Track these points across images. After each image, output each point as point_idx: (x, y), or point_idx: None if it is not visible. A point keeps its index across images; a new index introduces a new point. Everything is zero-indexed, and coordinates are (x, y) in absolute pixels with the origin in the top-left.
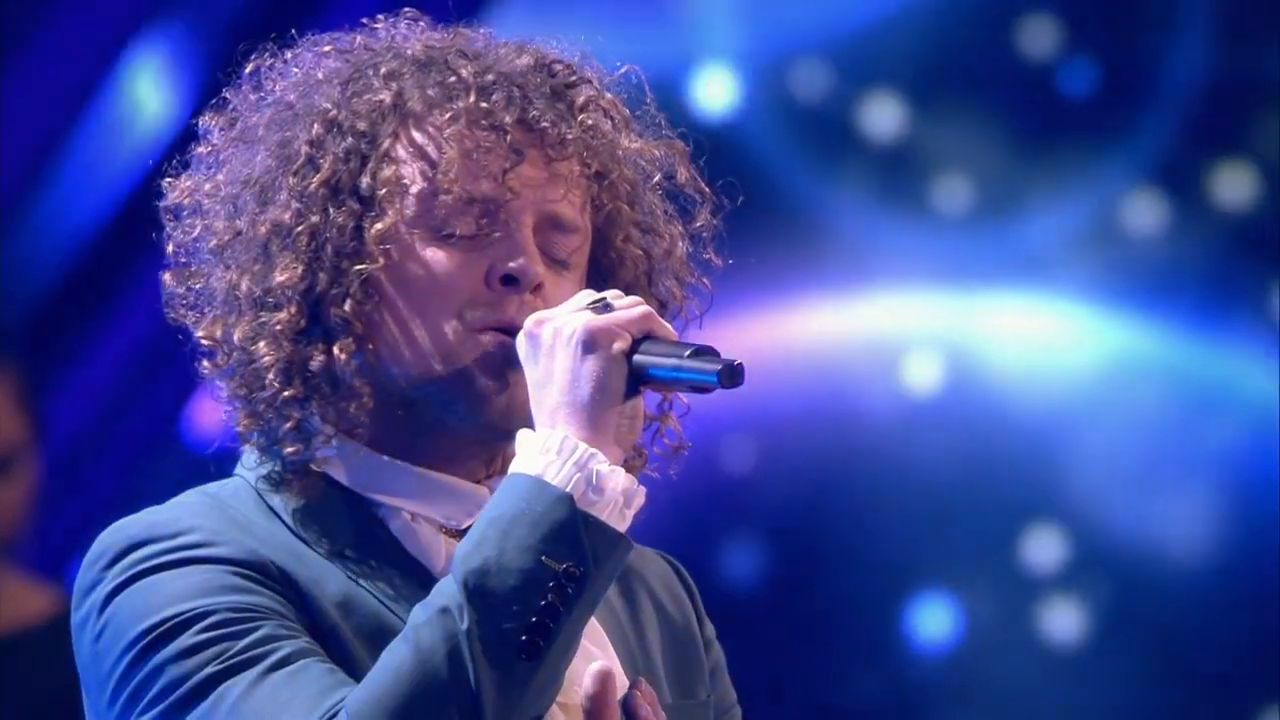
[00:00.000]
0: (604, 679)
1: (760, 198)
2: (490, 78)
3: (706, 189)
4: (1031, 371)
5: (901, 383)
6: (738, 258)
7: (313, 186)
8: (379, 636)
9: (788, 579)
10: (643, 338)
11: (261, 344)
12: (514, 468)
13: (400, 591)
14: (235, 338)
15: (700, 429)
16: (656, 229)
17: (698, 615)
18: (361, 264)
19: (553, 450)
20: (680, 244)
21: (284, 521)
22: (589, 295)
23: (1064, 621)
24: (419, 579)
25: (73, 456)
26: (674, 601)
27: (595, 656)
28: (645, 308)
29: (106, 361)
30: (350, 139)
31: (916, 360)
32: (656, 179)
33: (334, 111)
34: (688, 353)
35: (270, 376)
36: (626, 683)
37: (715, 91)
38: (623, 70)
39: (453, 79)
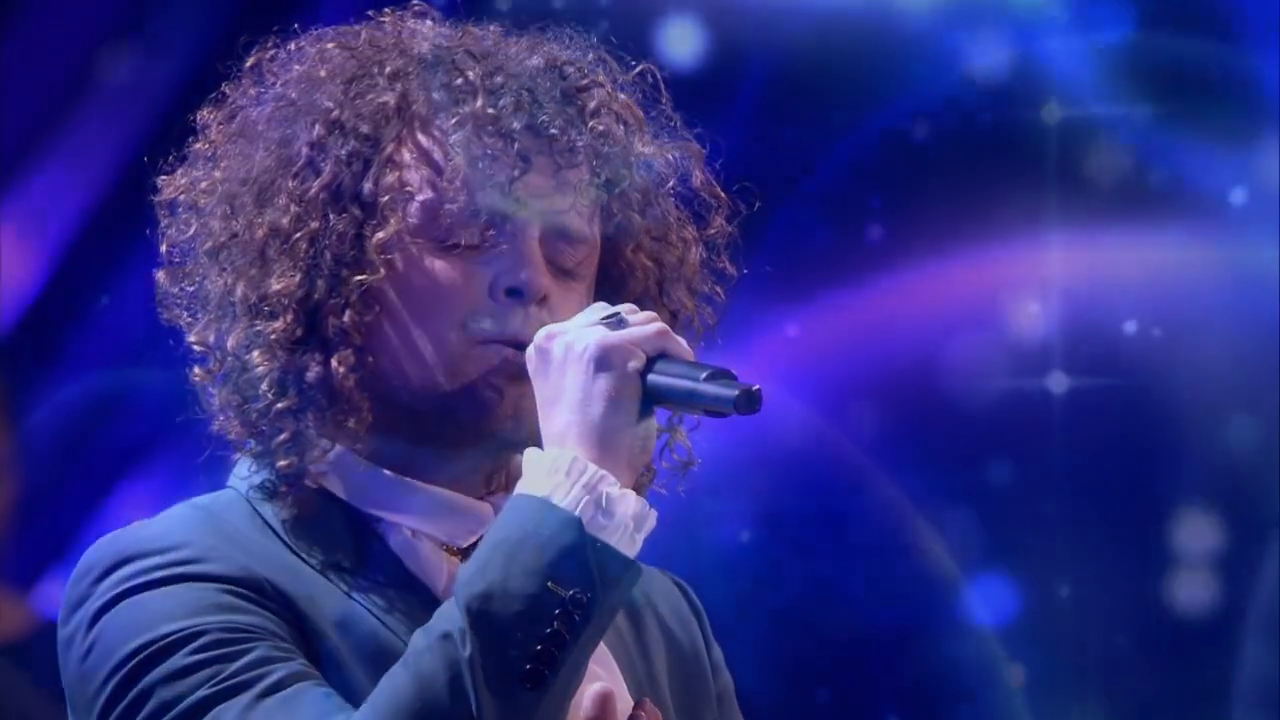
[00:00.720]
0: (604, 702)
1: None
2: (499, 80)
3: (722, 193)
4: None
5: (1018, 337)
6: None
7: (313, 191)
8: (378, 658)
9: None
10: (657, 356)
11: (255, 353)
12: (520, 488)
13: (400, 611)
14: (228, 344)
15: (823, 397)
16: (668, 237)
17: (705, 639)
18: (362, 274)
19: (561, 471)
20: (694, 251)
21: (279, 535)
22: (602, 309)
23: (1195, 593)
24: (419, 598)
25: (49, 470)
26: (681, 624)
27: (599, 678)
28: (660, 324)
29: (83, 374)
30: (353, 142)
31: (1030, 312)
32: (671, 184)
33: (336, 112)
34: (704, 375)
35: (264, 387)
36: (630, 705)
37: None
38: (638, 69)
39: (459, 81)
